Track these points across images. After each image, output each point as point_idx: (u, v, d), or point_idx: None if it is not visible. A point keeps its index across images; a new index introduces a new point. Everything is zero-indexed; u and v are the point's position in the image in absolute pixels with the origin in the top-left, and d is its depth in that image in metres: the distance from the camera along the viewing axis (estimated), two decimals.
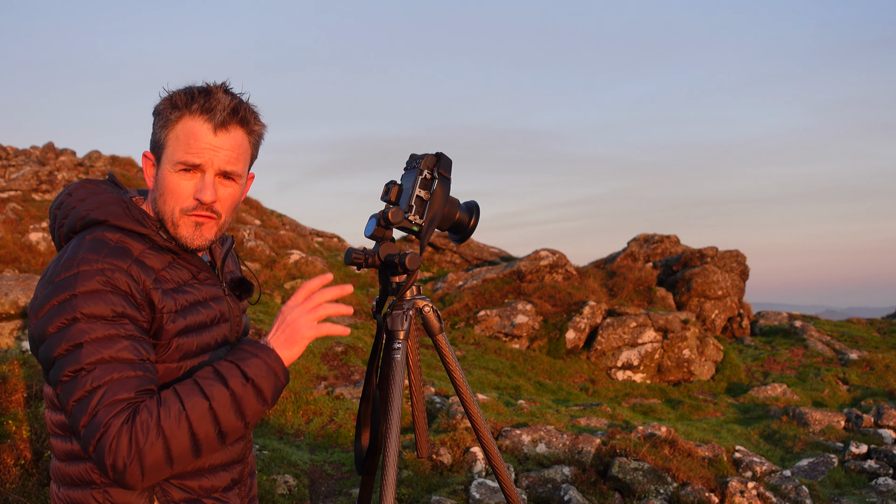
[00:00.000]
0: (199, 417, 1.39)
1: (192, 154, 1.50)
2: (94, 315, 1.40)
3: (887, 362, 11.29)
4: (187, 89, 1.53)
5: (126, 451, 1.34)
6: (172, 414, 1.37)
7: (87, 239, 1.48)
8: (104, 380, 1.37)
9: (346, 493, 4.62)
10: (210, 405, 1.41)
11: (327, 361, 8.40)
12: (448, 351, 2.04)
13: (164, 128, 1.52)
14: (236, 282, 1.73)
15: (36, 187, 16.72)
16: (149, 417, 1.36)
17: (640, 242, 16.36)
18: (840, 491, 5.80)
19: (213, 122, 1.50)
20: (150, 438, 1.35)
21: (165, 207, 1.54)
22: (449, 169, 1.96)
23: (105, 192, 1.58)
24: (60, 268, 1.44)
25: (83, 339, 1.38)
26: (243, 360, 1.47)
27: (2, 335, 5.76)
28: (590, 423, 6.37)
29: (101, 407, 1.36)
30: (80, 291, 1.40)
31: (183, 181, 1.52)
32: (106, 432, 1.34)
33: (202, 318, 1.58)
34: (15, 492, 3.61)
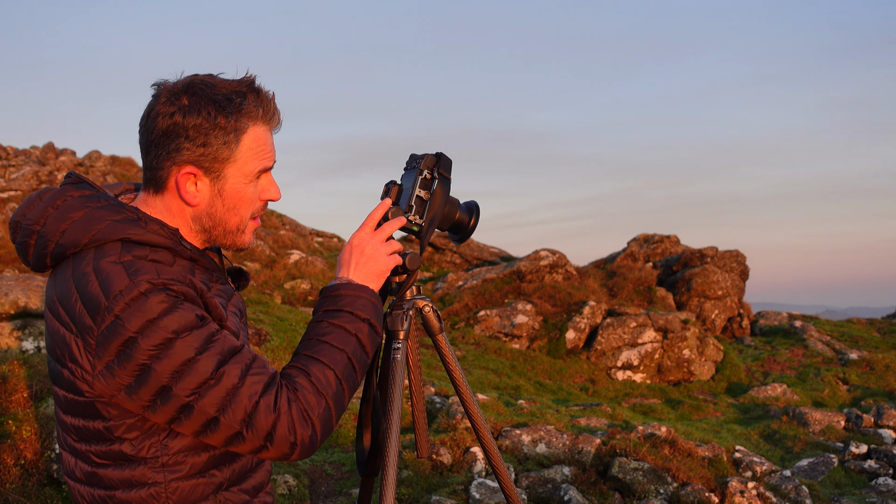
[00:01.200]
0: (344, 372, 1.47)
1: (268, 159, 1.52)
2: (185, 327, 1.34)
3: (887, 362, 11.30)
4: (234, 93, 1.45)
5: (302, 427, 1.39)
6: (324, 379, 1.44)
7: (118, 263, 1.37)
8: (236, 374, 1.36)
9: (346, 493, 4.62)
10: (347, 355, 1.49)
11: None
12: (448, 351, 2.04)
13: (230, 143, 1.45)
14: (233, 273, 1.73)
15: (36, 187, 16.72)
16: (308, 391, 1.42)
17: (640, 242, 16.36)
18: (840, 491, 5.80)
19: (273, 122, 1.53)
20: (318, 409, 1.41)
21: (235, 219, 1.52)
22: (449, 169, 1.96)
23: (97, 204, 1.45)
24: (114, 298, 1.33)
25: (189, 353, 1.34)
26: (349, 302, 1.54)
27: (2, 335, 5.76)
28: (590, 423, 6.38)
29: (258, 398, 1.37)
30: (157, 312, 1.33)
31: (253, 188, 1.52)
32: (279, 417, 1.37)
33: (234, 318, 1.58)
34: (15, 492, 3.61)
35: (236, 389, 1.36)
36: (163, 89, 1.45)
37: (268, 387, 1.38)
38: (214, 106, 1.43)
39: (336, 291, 1.56)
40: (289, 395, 1.40)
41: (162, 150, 1.45)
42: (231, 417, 1.36)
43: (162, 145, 1.44)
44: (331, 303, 1.55)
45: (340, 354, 1.47)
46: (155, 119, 1.44)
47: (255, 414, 1.36)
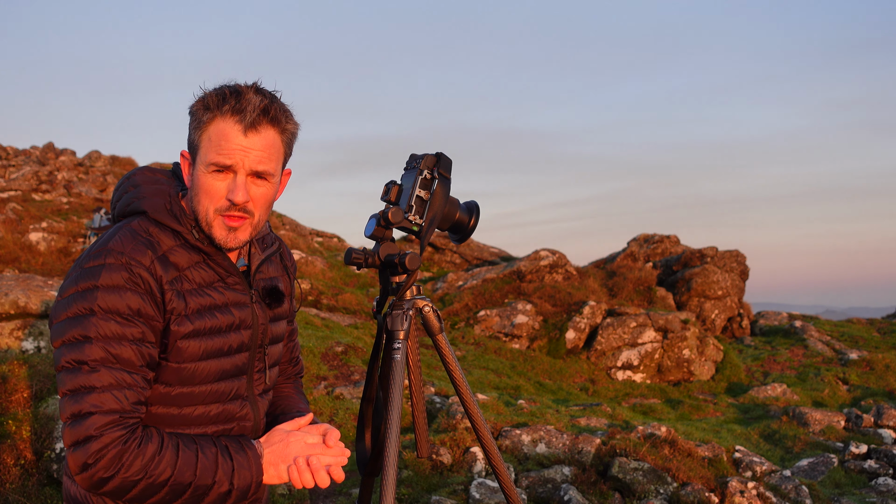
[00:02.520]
0: (178, 483, 1.46)
1: (224, 155, 1.52)
2: (111, 310, 1.46)
3: (887, 362, 11.30)
4: (219, 90, 1.55)
5: (106, 466, 1.41)
6: (161, 466, 1.45)
7: (124, 228, 1.54)
8: (104, 382, 1.43)
9: (346, 493, 4.62)
10: (193, 482, 1.48)
11: (327, 361, 8.40)
12: (448, 351, 2.04)
13: (198, 129, 1.55)
14: (267, 290, 1.72)
15: (36, 187, 16.72)
16: (142, 455, 1.43)
17: (640, 242, 16.37)
18: (840, 491, 5.80)
19: (244, 122, 1.52)
20: (132, 470, 1.43)
21: (199, 207, 1.57)
22: (449, 169, 1.96)
23: (158, 182, 1.64)
24: (92, 254, 1.50)
25: (93, 332, 1.44)
26: (240, 466, 1.53)
27: (2, 335, 5.76)
28: (590, 423, 6.38)
29: (97, 411, 1.42)
30: (101, 283, 1.46)
31: (216, 182, 1.54)
32: (95, 439, 1.41)
33: (216, 322, 1.58)
34: (15, 492, 3.61)
35: (93, 389, 1.43)
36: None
37: (112, 412, 1.43)
38: (202, 98, 1.55)
39: (247, 448, 1.56)
40: (128, 436, 1.43)
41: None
42: (71, 404, 1.43)
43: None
44: (236, 447, 1.55)
45: (189, 476, 1.47)
46: None
47: (84, 419, 1.41)
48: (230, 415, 1.64)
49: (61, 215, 14.08)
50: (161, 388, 1.55)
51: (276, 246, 1.79)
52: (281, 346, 1.81)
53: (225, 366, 1.61)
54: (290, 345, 1.94)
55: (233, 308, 1.62)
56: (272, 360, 1.75)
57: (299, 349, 2.00)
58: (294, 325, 1.96)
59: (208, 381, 1.59)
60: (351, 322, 11.19)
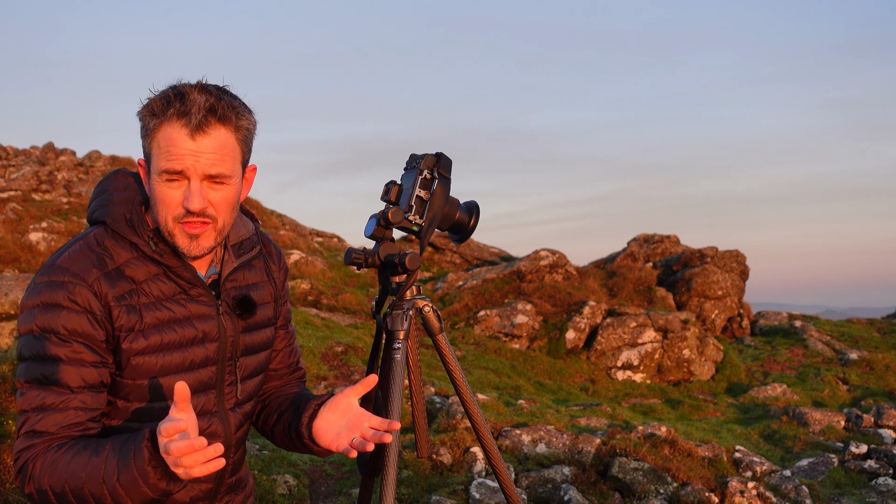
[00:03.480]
0: (75, 488, 1.42)
1: (173, 161, 1.44)
2: (48, 329, 1.45)
3: (887, 362, 11.29)
4: (163, 93, 1.47)
5: (26, 484, 1.46)
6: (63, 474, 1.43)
7: (80, 241, 1.53)
8: (34, 405, 1.45)
9: (346, 493, 4.62)
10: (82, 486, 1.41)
11: (327, 361, 8.40)
12: (448, 351, 2.04)
13: (147, 137, 1.49)
14: (238, 300, 1.64)
15: (36, 187, 16.72)
16: (51, 466, 1.43)
17: (640, 242, 16.36)
18: (840, 491, 5.80)
19: (190, 125, 1.43)
20: (42, 482, 1.43)
21: (158, 217, 1.51)
22: (449, 169, 1.96)
23: (128, 188, 1.60)
24: (43, 269, 1.50)
25: (27, 352, 1.46)
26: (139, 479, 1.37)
27: (2, 335, 5.76)
28: (590, 423, 6.38)
29: (22, 434, 1.46)
30: (41, 301, 1.46)
31: (170, 190, 1.47)
32: (19, 461, 1.47)
33: (174, 337, 1.53)
34: (15, 492, 3.61)
35: (25, 412, 1.46)
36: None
37: (36, 434, 1.45)
38: (148, 104, 1.49)
39: (151, 463, 1.36)
40: (28, 460, 1.45)
41: None
42: (18, 422, 1.48)
43: None
44: (139, 457, 1.37)
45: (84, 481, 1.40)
46: None
47: (19, 439, 1.47)
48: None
49: (61, 215, 14.09)
50: (121, 402, 1.52)
51: (256, 250, 1.70)
52: (263, 356, 1.73)
53: (188, 381, 1.54)
54: (287, 349, 1.85)
55: (195, 321, 1.56)
56: (246, 372, 1.68)
57: (299, 354, 1.91)
58: (290, 329, 1.86)
59: (169, 396, 1.52)
60: (351, 322, 11.19)
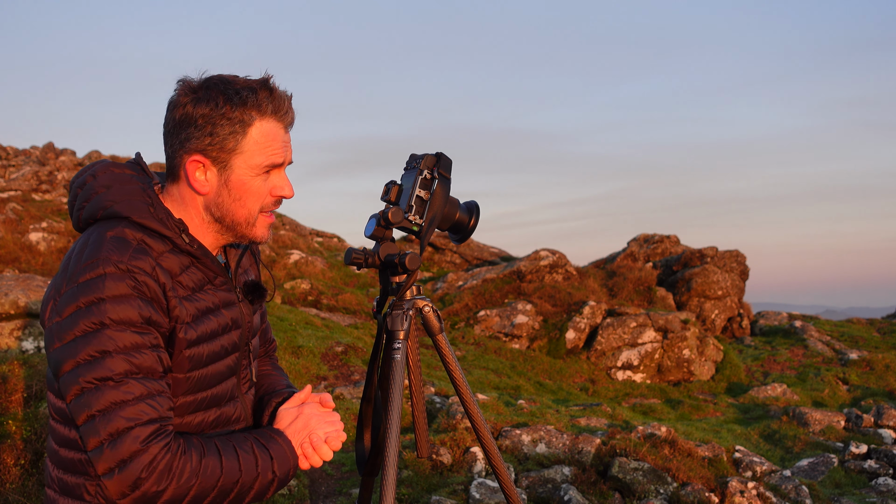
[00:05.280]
0: (226, 484, 1.46)
1: (276, 155, 1.53)
2: (123, 321, 1.39)
3: (887, 362, 11.30)
4: (249, 88, 1.49)
5: (159, 477, 1.38)
6: (210, 468, 1.44)
7: (109, 236, 1.44)
8: (135, 394, 1.38)
9: (346, 493, 4.62)
10: (240, 479, 1.48)
11: (327, 361, 8.40)
12: (448, 351, 2.04)
13: (236, 134, 1.48)
14: (250, 286, 1.69)
15: (36, 187, 16.72)
16: (189, 458, 1.42)
17: (640, 242, 16.36)
18: (840, 491, 5.80)
19: (286, 120, 1.54)
20: (184, 477, 1.40)
21: (243, 210, 1.54)
22: (449, 169, 1.96)
23: (130, 180, 1.54)
24: (84, 266, 1.41)
25: (111, 346, 1.37)
26: (278, 455, 1.54)
27: (2, 335, 5.76)
28: (590, 423, 6.38)
29: (137, 424, 1.37)
30: (108, 295, 1.38)
31: (264, 182, 1.54)
32: (143, 452, 1.37)
33: (213, 325, 1.55)
34: (15, 492, 3.61)
35: (125, 404, 1.37)
36: (182, 83, 1.51)
37: (151, 422, 1.39)
38: (224, 97, 1.48)
39: (277, 437, 1.57)
40: (172, 444, 1.41)
41: (175, 140, 1.51)
42: (104, 425, 1.36)
43: (175, 135, 1.51)
44: (268, 438, 1.56)
45: (235, 474, 1.47)
46: (172, 110, 1.51)
47: (123, 436, 1.36)
48: (227, 418, 1.62)
49: (61, 215, 14.09)
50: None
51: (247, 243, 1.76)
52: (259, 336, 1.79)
53: (221, 368, 1.58)
54: (262, 326, 1.89)
55: (223, 309, 1.59)
56: (255, 354, 1.74)
57: (271, 328, 1.99)
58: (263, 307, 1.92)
59: (209, 386, 1.56)
60: (351, 322, 11.19)
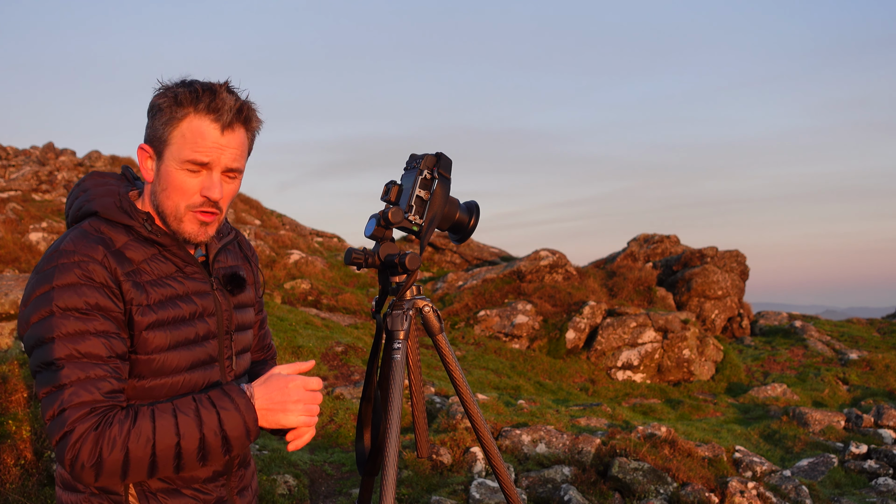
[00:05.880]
0: (164, 448, 1.45)
1: (201, 153, 1.55)
2: (69, 307, 1.46)
3: (887, 362, 11.29)
4: (190, 86, 1.56)
5: (88, 455, 1.41)
6: (141, 438, 1.44)
7: (75, 230, 1.56)
8: (72, 378, 1.44)
9: (346, 493, 4.62)
10: (178, 441, 1.46)
11: (327, 361, 8.40)
12: (448, 351, 2.04)
13: (168, 124, 1.55)
14: (228, 276, 1.74)
15: (36, 187, 16.72)
16: (118, 433, 1.43)
17: (640, 242, 16.36)
18: (840, 491, 5.80)
19: (221, 122, 1.55)
20: (114, 452, 1.42)
21: (169, 202, 1.58)
22: (449, 169, 1.96)
23: (107, 184, 1.65)
24: (45, 258, 1.52)
25: (56, 333, 1.45)
26: (225, 409, 1.50)
27: (2, 335, 5.76)
28: (590, 423, 6.38)
29: (69, 407, 1.42)
30: (56, 284, 1.47)
31: (190, 179, 1.57)
32: (71, 433, 1.41)
33: (180, 312, 1.59)
34: (15, 492, 3.61)
35: (61, 389, 1.43)
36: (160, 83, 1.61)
37: (81, 406, 1.42)
38: (171, 92, 1.56)
39: (231, 392, 1.53)
40: (100, 422, 1.43)
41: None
42: (47, 407, 1.44)
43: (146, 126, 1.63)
44: (219, 395, 1.52)
45: (171, 434, 1.45)
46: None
47: (58, 418, 1.43)
48: None
49: (61, 215, 14.09)
50: (135, 381, 1.56)
51: (232, 235, 1.81)
52: (250, 334, 1.81)
53: (197, 355, 1.62)
54: (260, 333, 1.95)
55: (194, 297, 1.63)
56: (240, 347, 1.76)
57: (271, 336, 2.03)
58: (263, 314, 1.96)
59: (181, 370, 1.60)
60: (351, 322, 11.19)
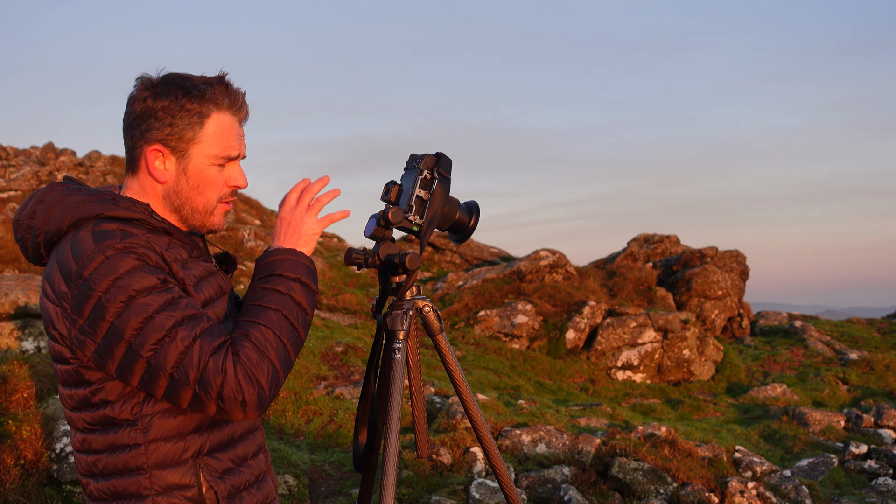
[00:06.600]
0: (280, 329, 1.53)
1: (232, 147, 1.61)
2: (146, 287, 1.44)
3: (887, 362, 11.30)
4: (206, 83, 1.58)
5: (249, 385, 1.45)
6: (262, 338, 1.50)
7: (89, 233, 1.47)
8: (192, 335, 1.44)
9: (346, 493, 4.62)
10: (282, 314, 1.54)
11: (327, 361, 8.40)
12: (448, 351, 2.04)
13: (195, 124, 1.56)
14: (220, 257, 1.80)
15: (36, 187, 16.72)
16: (250, 350, 1.48)
17: (640, 242, 16.36)
18: (840, 491, 5.80)
19: (241, 114, 1.63)
20: (262, 366, 1.47)
21: (201, 198, 1.61)
22: (449, 169, 1.96)
23: (77, 192, 1.57)
24: (82, 264, 1.43)
25: (149, 311, 1.43)
26: (277, 266, 1.60)
27: (2, 335, 5.76)
28: (590, 423, 6.38)
29: (208, 358, 1.43)
30: (120, 273, 1.43)
31: (220, 172, 1.62)
32: (226, 377, 1.44)
33: (212, 291, 1.62)
34: (15, 492, 3.62)
35: (188, 350, 1.43)
36: (142, 80, 1.59)
37: (217, 350, 1.45)
38: (183, 91, 1.56)
39: (265, 259, 1.62)
40: (233, 357, 1.46)
41: (136, 131, 1.58)
42: (184, 377, 1.43)
43: (136, 126, 1.58)
44: (262, 270, 1.61)
45: (276, 314, 1.54)
46: (131, 104, 1.58)
47: (204, 374, 1.43)
48: None
49: None
50: None
51: None
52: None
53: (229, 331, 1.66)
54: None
55: (210, 277, 1.66)
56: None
57: None
58: None
59: None
60: (351, 322, 11.19)
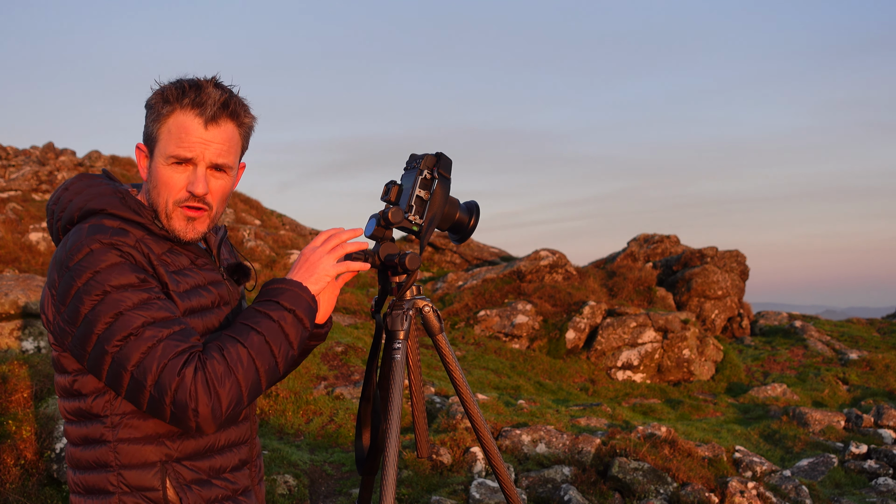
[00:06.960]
0: (258, 351, 1.50)
1: (184, 148, 1.55)
2: (123, 284, 1.45)
3: (887, 362, 11.29)
4: (178, 83, 1.57)
5: (205, 395, 1.42)
6: (235, 354, 1.48)
7: (87, 226, 1.52)
8: (158, 337, 1.43)
9: (346, 493, 4.62)
10: (264, 338, 1.52)
11: (327, 361, 8.40)
12: (448, 351, 2.04)
13: (156, 121, 1.57)
14: (233, 267, 1.78)
15: (36, 187, 16.72)
16: (218, 362, 1.45)
17: (640, 242, 16.36)
18: (840, 491, 5.80)
19: (204, 116, 1.55)
20: (225, 381, 1.44)
21: (159, 199, 1.59)
22: (449, 169, 1.96)
23: (101, 184, 1.62)
24: (70, 253, 1.47)
25: (121, 307, 1.44)
26: (277, 294, 1.58)
27: (2, 335, 5.77)
28: (590, 423, 6.38)
29: (167, 360, 1.42)
30: (101, 267, 1.45)
31: (175, 174, 1.57)
32: (182, 381, 1.42)
33: (205, 301, 1.61)
34: (15, 492, 3.62)
35: (151, 350, 1.42)
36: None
37: (179, 354, 1.44)
38: (161, 92, 1.57)
39: (271, 285, 1.62)
40: (197, 363, 1.44)
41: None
42: (142, 376, 1.42)
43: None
44: (264, 294, 1.61)
45: (259, 338, 1.51)
46: None
47: (161, 376, 1.42)
48: None
49: None
50: None
51: (223, 230, 1.84)
52: None
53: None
54: None
55: (211, 286, 1.65)
56: None
57: None
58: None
59: None
60: (351, 322, 11.19)
